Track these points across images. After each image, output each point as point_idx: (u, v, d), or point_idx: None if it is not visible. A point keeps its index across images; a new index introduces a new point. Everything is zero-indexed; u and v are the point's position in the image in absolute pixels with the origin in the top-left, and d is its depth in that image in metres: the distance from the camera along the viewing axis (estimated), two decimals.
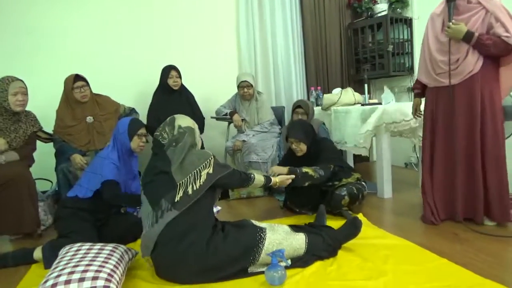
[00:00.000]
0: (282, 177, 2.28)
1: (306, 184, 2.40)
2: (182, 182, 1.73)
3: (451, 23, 2.11)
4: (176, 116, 1.95)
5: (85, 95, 2.86)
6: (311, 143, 2.57)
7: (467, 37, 2.08)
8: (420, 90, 2.41)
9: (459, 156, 2.22)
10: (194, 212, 1.71)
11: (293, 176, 2.32)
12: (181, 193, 1.71)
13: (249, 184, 2.03)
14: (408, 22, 4.15)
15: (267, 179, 2.16)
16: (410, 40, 4.17)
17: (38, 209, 2.56)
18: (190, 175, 1.74)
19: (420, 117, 2.54)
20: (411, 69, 4.16)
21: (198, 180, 1.73)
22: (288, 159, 2.69)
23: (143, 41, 3.68)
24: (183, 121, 1.91)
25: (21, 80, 2.57)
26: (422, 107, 2.49)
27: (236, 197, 3.27)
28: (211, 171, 1.77)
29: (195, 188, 1.72)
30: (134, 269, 1.89)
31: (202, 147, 2.23)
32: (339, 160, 2.64)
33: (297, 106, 3.20)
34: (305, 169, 2.38)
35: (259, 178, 2.08)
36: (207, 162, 1.78)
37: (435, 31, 2.27)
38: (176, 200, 1.70)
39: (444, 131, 2.29)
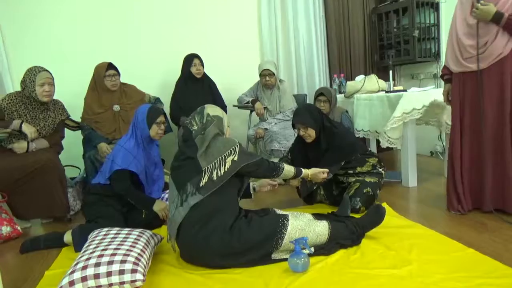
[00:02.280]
0: (315, 170, 2.20)
1: (315, 187, 2.41)
2: (208, 168, 1.76)
3: (479, 4, 2.03)
4: (206, 105, 1.98)
5: (115, 84, 2.94)
6: (320, 127, 2.41)
7: (496, 18, 2.00)
8: (450, 75, 2.33)
9: (488, 144, 2.16)
10: (218, 198, 1.74)
11: (327, 170, 2.24)
12: (206, 179, 1.74)
13: (278, 174, 1.99)
14: (435, 6, 4.00)
15: (298, 170, 2.10)
16: (437, 25, 4.03)
17: (67, 195, 2.66)
18: (215, 161, 1.77)
19: None
20: (437, 55, 4.03)
21: (223, 166, 1.76)
22: (298, 148, 2.59)
23: (166, 30, 3.69)
24: (212, 110, 1.95)
25: (48, 71, 2.64)
26: None
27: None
28: (236, 158, 1.79)
29: (219, 174, 1.75)
30: (159, 254, 1.94)
31: None
32: (352, 150, 2.46)
33: (319, 93, 3.15)
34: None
35: (289, 169, 2.04)
36: (232, 149, 1.80)
37: (463, 14, 2.18)
38: (201, 185, 1.73)
39: (471, 118, 2.22)
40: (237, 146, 1.82)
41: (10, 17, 3.26)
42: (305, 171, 2.14)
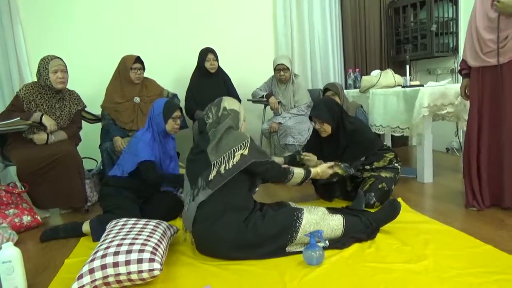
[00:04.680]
0: (323, 166, 2.17)
1: (335, 179, 2.38)
2: (217, 161, 1.75)
3: None
4: (224, 98, 1.96)
5: (140, 77, 3.00)
6: (338, 123, 2.40)
7: None
8: (468, 70, 2.30)
9: (507, 140, 2.12)
10: (229, 194, 1.74)
11: (333, 163, 2.21)
12: (214, 172, 1.73)
13: (288, 179, 1.95)
14: (454, 0, 3.94)
15: (307, 172, 2.05)
16: (456, 19, 3.96)
17: (85, 186, 2.71)
18: (224, 155, 1.75)
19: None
20: (455, 50, 3.96)
21: (231, 160, 1.74)
22: (314, 142, 2.57)
23: (182, 25, 3.72)
24: (229, 103, 1.93)
25: (60, 58, 2.68)
26: None
27: None
28: (246, 153, 1.76)
29: (227, 168, 1.73)
30: (175, 245, 1.97)
31: None
32: (372, 145, 2.45)
33: (324, 89, 3.14)
34: (336, 169, 2.30)
35: (298, 172, 2.00)
36: (243, 143, 1.78)
37: (484, 8, 2.14)
38: (209, 179, 1.73)
39: (490, 113, 2.18)
40: (247, 141, 1.79)
41: (30, 10, 3.32)
42: (314, 170, 2.10)
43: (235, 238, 1.71)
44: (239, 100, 3.43)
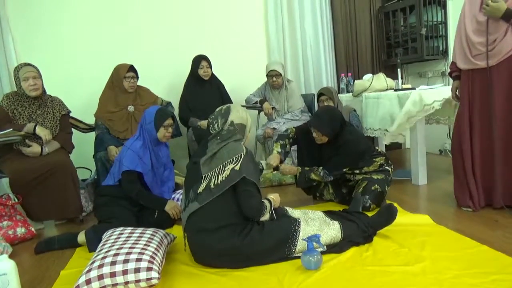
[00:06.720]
0: (276, 194, 1.98)
1: (314, 183, 2.50)
2: (207, 174, 1.71)
3: (489, 1, 2.02)
4: (232, 108, 1.85)
5: (133, 86, 2.99)
6: (336, 135, 2.41)
7: (507, 15, 1.99)
8: (458, 72, 2.33)
9: (498, 141, 2.15)
10: (221, 208, 1.69)
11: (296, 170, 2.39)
12: (204, 186, 1.69)
13: (263, 214, 1.77)
14: (442, 4, 3.99)
15: (269, 202, 1.85)
16: (445, 22, 4.02)
17: (80, 196, 2.69)
18: (216, 168, 1.71)
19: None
20: (445, 53, 4.02)
21: (221, 174, 1.68)
22: (304, 136, 2.56)
23: (174, 32, 3.72)
24: (237, 117, 1.83)
25: (31, 65, 2.62)
26: None
27: (267, 184, 3.29)
28: (237, 167, 1.68)
29: (216, 183, 1.68)
30: (173, 253, 1.96)
31: None
32: (360, 159, 2.45)
33: (319, 94, 3.17)
34: (313, 175, 2.41)
35: (268, 206, 1.82)
36: (235, 157, 1.70)
37: (472, 11, 2.17)
38: (198, 192, 1.70)
39: (480, 115, 2.21)
40: (241, 155, 1.71)
41: (21, 19, 3.30)
42: (271, 198, 1.91)
43: (230, 253, 1.69)
44: None
